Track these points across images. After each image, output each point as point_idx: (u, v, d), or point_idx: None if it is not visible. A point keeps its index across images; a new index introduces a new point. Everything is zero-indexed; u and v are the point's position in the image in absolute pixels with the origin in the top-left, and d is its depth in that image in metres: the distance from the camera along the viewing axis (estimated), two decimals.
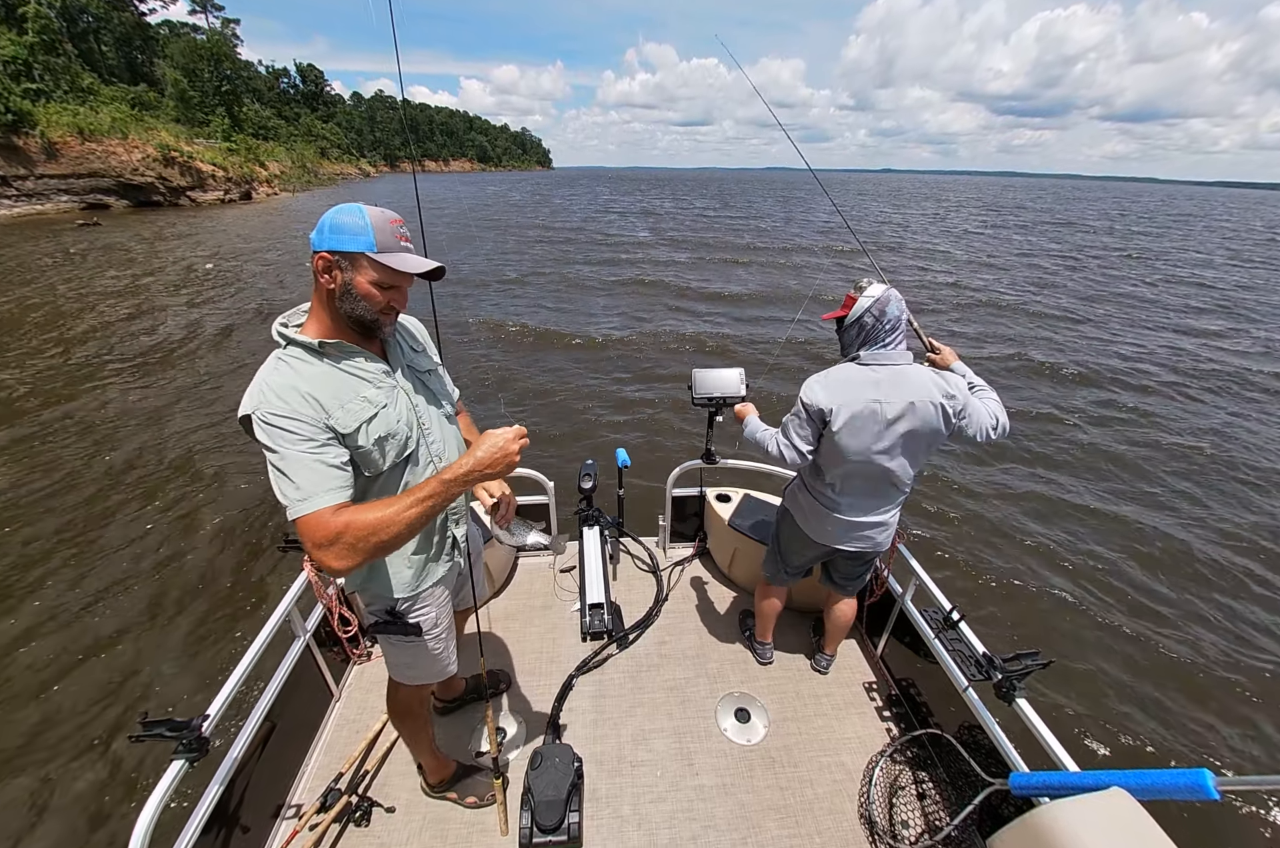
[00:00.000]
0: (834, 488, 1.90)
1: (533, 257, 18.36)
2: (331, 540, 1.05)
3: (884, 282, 1.78)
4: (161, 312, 10.95)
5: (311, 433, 1.10)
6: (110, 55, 46.48)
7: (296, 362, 1.16)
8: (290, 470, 1.08)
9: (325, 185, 60.24)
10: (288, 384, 1.11)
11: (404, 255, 1.15)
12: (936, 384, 1.72)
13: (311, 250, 1.13)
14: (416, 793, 1.96)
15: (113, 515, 4.78)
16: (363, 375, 1.21)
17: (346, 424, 1.15)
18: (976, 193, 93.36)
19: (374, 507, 1.08)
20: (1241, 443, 6.54)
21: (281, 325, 1.22)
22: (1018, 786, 1.49)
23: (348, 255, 1.11)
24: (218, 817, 1.54)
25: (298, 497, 1.07)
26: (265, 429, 1.08)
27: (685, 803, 1.94)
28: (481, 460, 1.12)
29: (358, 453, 1.19)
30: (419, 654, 1.56)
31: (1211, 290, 15.67)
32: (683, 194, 59.09)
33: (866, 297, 1.71)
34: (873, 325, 1.71)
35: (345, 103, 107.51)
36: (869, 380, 1.71)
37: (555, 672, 2.44)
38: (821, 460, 1.88)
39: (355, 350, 1.22)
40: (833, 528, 1.96)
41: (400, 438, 1.25)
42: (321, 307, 1.18)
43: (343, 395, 1.16)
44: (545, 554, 3.17)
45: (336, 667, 2.35)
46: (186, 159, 34.28)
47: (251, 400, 1.11)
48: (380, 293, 1.15)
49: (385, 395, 1.23)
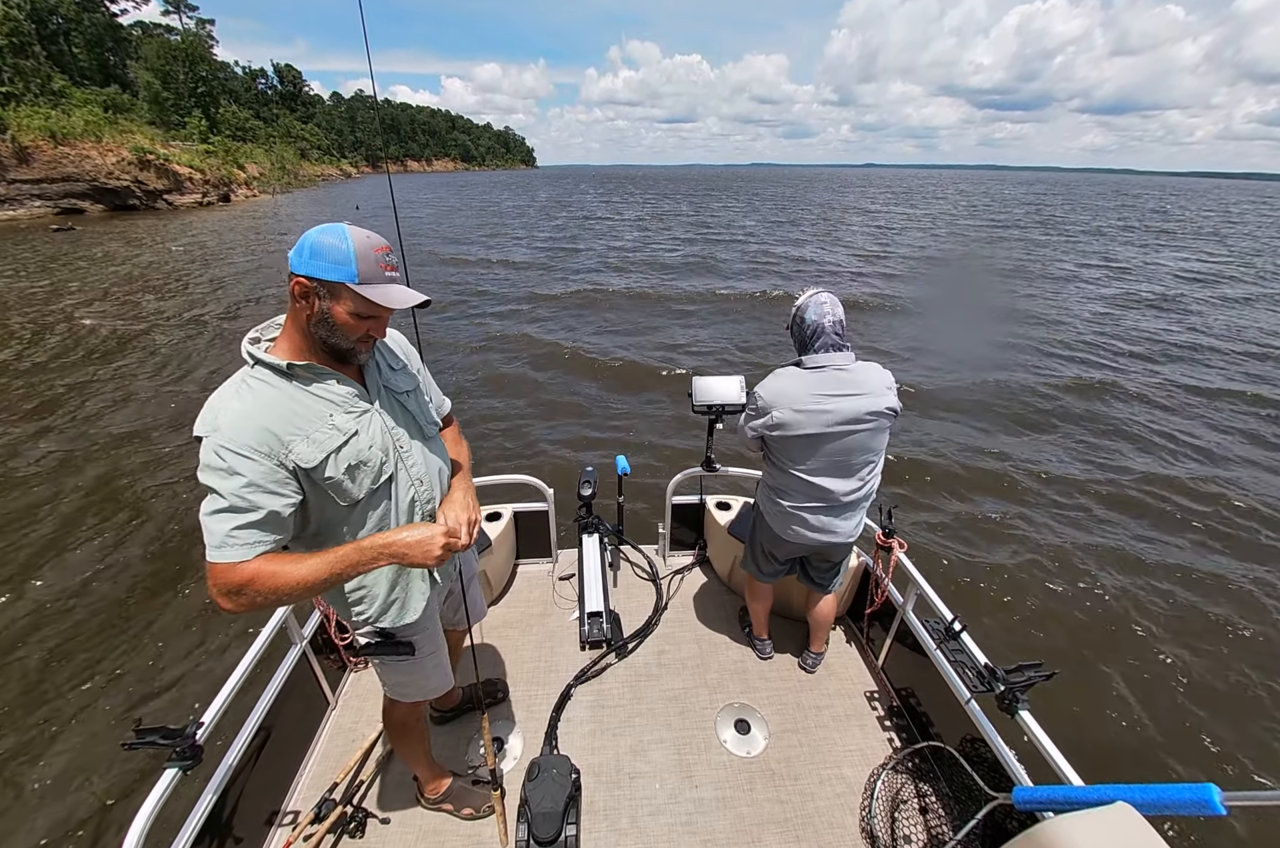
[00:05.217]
0: (790, 486, 1.98)
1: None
2: (234, 590, 1.03)
3: (817, 287, 1.91)
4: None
5: (258, 474, 1.04)
6: (82, 57, 45.60)
7: (261, 385, 1.09)
8: (221, 510, 1.03)
9: (306, 187, 59.60)
10: (247, 414, 1.05)
11: (388, 288, 1.08)
12: (881, 379, 1.85)
13: (289, 271, 1.06)
14: (412, 804, 1.94)
15: (98, 516, 4.69)
16: (333, 399, 1.15)
17: (310, 458, 1.09)
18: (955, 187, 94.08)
19: (285, 561, 1.06)
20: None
21: (251, 341, 1.15)
22: (1021, 800, 1.47)
23: (326, 284, 1.04)
24: (211, 825, 1.52)
25: (215, 543, 1.03)
26: (211, 461, 1.02)
27: (684, 816, 1.92)
28: (402, 542, 1.11)
29: (327, 483, 1.14)
30: (413, 673, 1.53)
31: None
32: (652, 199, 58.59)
33: (794, 306, 1.89)
34: (799, 331, 1.88)
35: (325, 103, 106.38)
36: (805, 382, 1.83)
37: (553, 681, 2.41)
38: (775, 458, 2.00)
39: (327, 373, 1.15)
40: (796, 525, 2.03)
41: (374, 464, 1.19)
42: (294, 327, 1.12)
43: (308, 425, 1.10)
44: (545, 561, 3.15)
45: (333, 674, 2.32)
46: (163, 162, 33.74)
47: (205, 424, 1.04)
48: (358, 322, 1.10)
49: (356, 421, 1.17)
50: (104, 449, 5.94)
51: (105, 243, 19.95)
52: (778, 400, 1.85)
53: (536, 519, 2.98)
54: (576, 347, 9.54)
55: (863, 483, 1.94)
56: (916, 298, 13.12)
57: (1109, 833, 1.21)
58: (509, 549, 2.97)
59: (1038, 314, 11.86)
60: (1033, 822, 1.40)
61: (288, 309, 1.13)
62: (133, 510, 4.93)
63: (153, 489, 5.25)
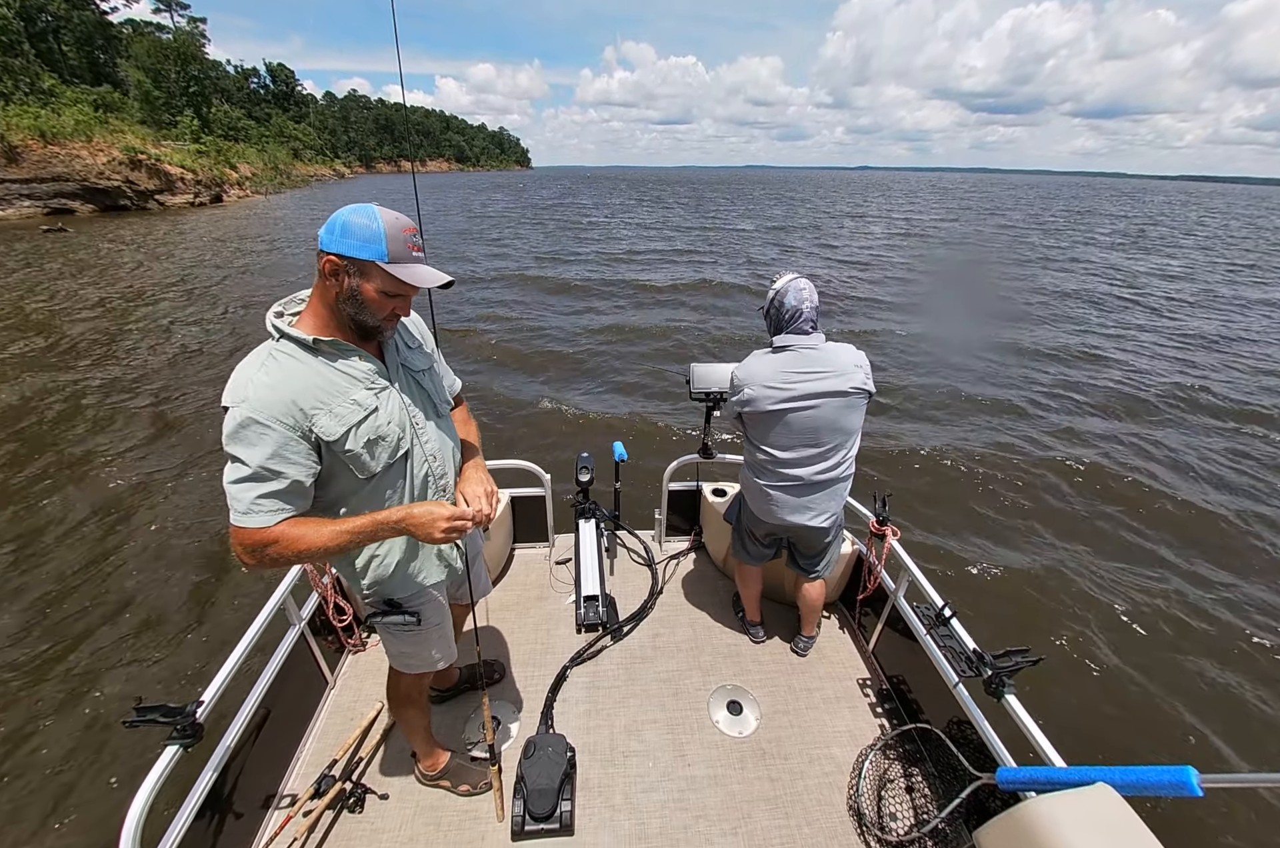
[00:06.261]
0: (763, 463, 2.05)
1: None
2: (258, 548, 1.11)
3: (795, 273, 1.97)
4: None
5: (282, 443, 1.09)
6: (71, 55, 45.15)
7: (287, 359, 1.13)
8: (245, 478, 1.08)
9: (299, 187, 59.21)
10: (273, 386, 1.09)
11: (416, 267, 1.13)
12: (850, 359, 1.91)
13: (319, 248, 1.10)
14: (410, 780, 1.97)
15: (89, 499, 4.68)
16: (355, 375, 1.20)
17: (332, 431, 1.14)
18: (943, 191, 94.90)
19: (307, 525, 1.14)
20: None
21: (276, 314, 1.19)
22: (1004, 780, 1.51)
23: (357, 262, 1.08)
24: (211, 802, 1.55)
25: (241, 509, 1.09)
26: (238, 429, 1.07)
27: (676, 793, 1.95)
28: (412, 517, 1.18)
29: (346, 456, 1.18)
30: (419, 642, 1.57)
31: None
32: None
33: (772, 290, 1.96)
34: (776, 314, 1.95)
35: (318, 103, 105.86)
36: (777, 365, 1.92)
37: (549, 663, 2.45)
38: (749, 435, 2.08)
39: (351, 349, 1.20)
40: (770, 504, 2.09)
41: (391, 440, 1.24)
42: (321, 303, 1.16)
43: (331, 398, 1.14)
44: (542, 546, 3.19)
45: (331, 655, 2.36)
46: (154, 161, 33.42)
47: (234, 394, 1.08)
48: (386, 300, 1.14)
49: (376, 398, 1.22)
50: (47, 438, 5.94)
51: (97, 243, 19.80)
52: (749, 379, 1.95)
53: (534, 504, 3.02)
54: (571, 338, 9.61)
55: (834, 464, 1.99)
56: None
57: (1089, 813, 1.24)
58: (506, 534, 3.01)
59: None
60: (1015, 801, 1.44)
61: (313, 285, 1.16)
62: (128, 498, 4.94)
63: (144, 484, 5.25)
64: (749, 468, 2.16)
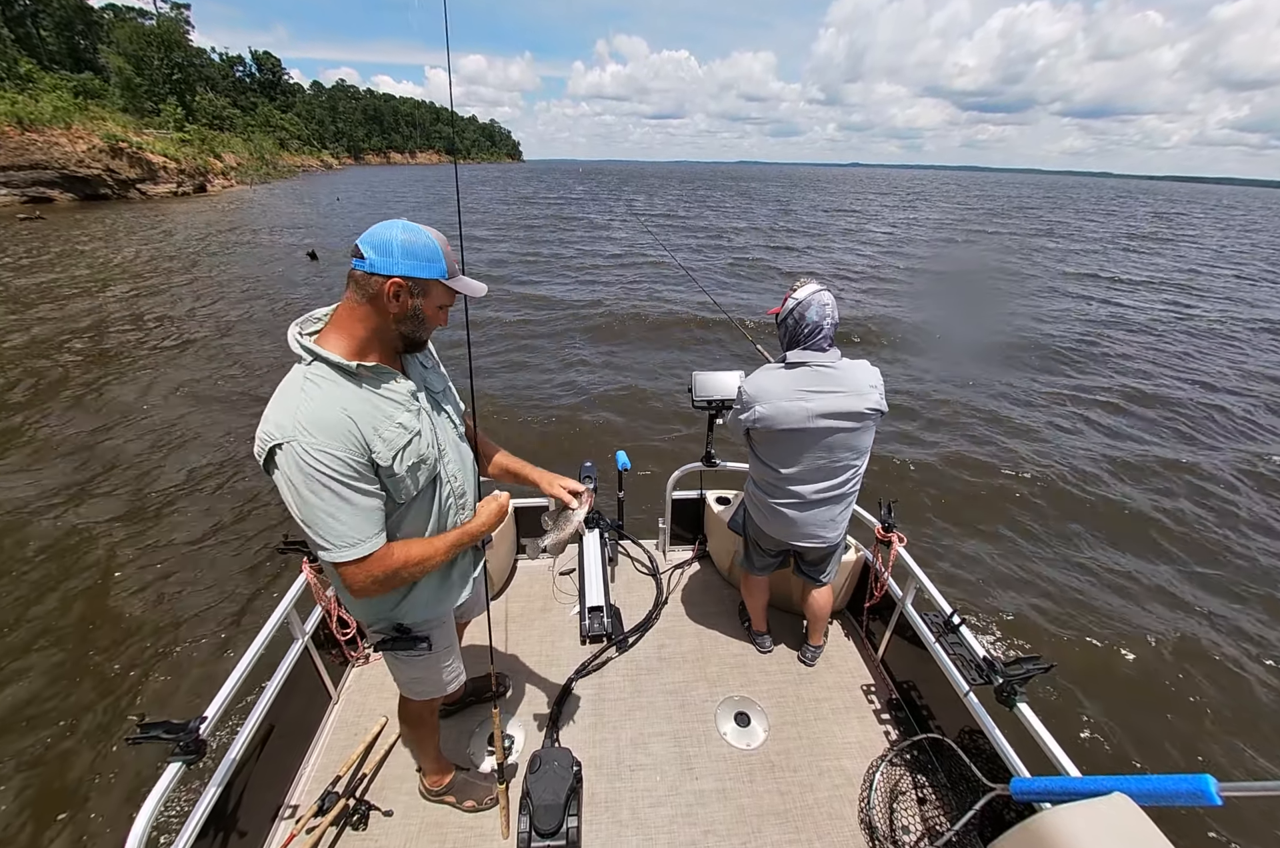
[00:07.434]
0: (771, 480, 2.00)
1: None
2: (389, 576, 1.14)
3: (819, 282, 1.84)
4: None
5: (353, 471, 1.06)
6: (51, 41, 44.15)
7: (328, 384, 1.07)
8: (335, 512, 1.05)
9: (286, 177, 58.32)
10: (325, 413, 1.03)
11: (467, 280, 1.17)
12: (866, 378, 1.84)
13: (371, 272, 1.04)
14: (415, 796, 1.94)
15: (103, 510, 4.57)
16: (397, 398, 1.16)
17: (384, 456, 1.11)
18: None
19: (415, 545, 1.19)
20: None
21: (300, 334, 1.11)
22: (1019, 791, 1.49)
23: (420, 282, 1.08)
24: (215, 819, 1.52)
25: (345, 542, 1.07)
26: (302, 466, 1.01)
27: (684, 808, 1.92)
28: (487, 523, 1.32)
29: (390, 481, 1.15)
30: (428, 669, 1.54)
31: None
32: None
33: (792, 299, 1.82)
34: (794, 328, 1.83)
35: (305, 92, 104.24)
36: (790, 381, 1.83)
37: (554, 675, 2.41)
38: (758, 452, 2.01)
39: (390, 373, 1.16)
40: (777, 521, 2.06)
41: (430, 462, 1.22)
42: (360, 324, 1.10)
43: (379, 423, 1.10)
44: (544, 557, 3.14)
45: (335, 669, 2.32)
46: (136, 150, 32.76)
47: (284, 430, 1.00)
48: (439, 313, 1.17)
49: (417, 420, 1.19)
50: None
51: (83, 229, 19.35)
52: (761, 395, 1.86)
53: (537, 514, 2.97)
54: (570, 343, 9.52)
55: (843, 482, 1.95)
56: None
57: (1106, 824, 1.22)
58: (509, 544, 2.96)
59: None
60: (1030, 813, 1.42)
61: (345, 307, 1.11)
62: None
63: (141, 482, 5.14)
64: (755, 484, 2.11)
